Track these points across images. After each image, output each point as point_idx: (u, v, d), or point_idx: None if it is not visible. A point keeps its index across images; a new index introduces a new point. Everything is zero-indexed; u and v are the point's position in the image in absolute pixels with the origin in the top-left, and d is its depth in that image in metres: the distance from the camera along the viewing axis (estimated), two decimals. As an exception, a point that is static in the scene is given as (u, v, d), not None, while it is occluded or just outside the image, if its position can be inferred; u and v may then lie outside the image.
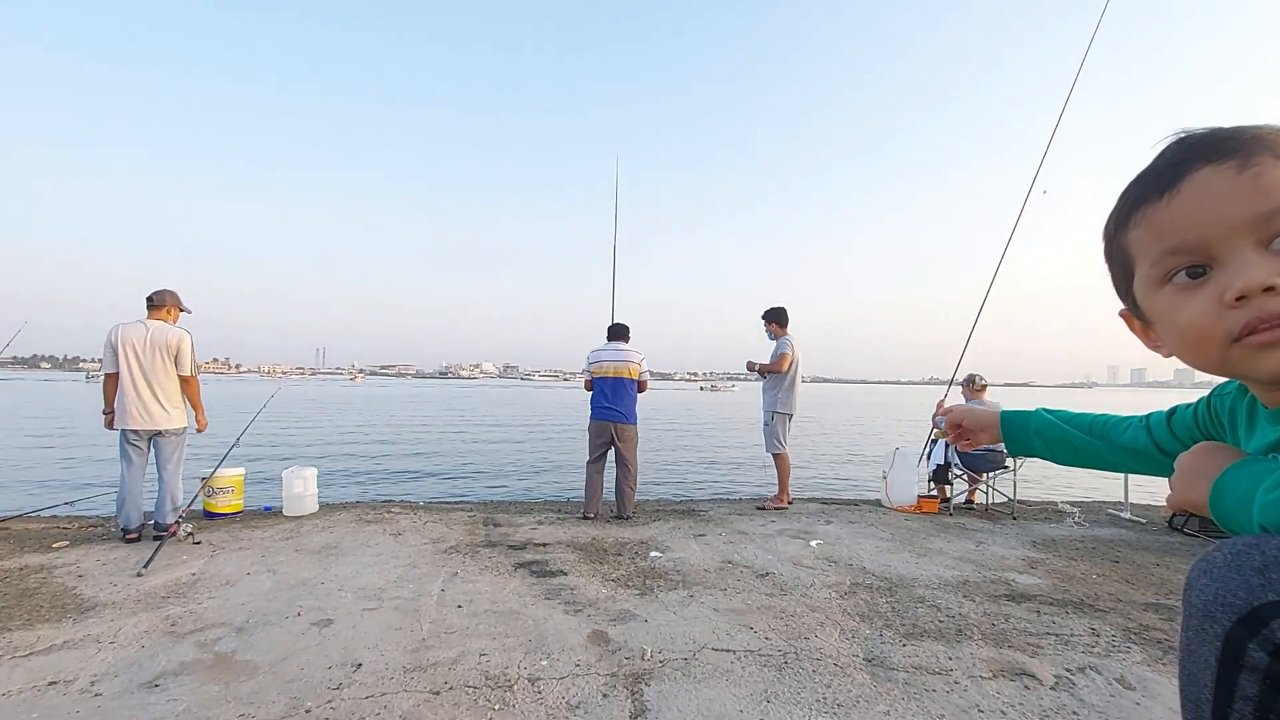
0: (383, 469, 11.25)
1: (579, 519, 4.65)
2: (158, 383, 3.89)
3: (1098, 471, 1.06)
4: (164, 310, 4.04)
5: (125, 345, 3.84)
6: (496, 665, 2.25)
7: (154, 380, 3.88)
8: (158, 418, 3.88)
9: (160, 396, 3.89)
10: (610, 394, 4.85)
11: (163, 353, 3.93)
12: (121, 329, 3.88)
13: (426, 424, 22.04)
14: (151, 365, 3.88)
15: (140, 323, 3.95)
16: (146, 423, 3.85)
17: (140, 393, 3.83)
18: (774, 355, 5.26)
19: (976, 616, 2.82)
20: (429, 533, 4.09)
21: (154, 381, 3.88)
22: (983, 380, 5.65)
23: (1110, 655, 2.43)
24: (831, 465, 13.06)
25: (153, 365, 3.88)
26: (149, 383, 3.86)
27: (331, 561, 3.45)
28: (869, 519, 4.81)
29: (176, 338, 4.00)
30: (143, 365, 3.86)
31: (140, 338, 3.88)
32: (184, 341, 4.03)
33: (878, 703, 2.04)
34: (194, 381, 4.09)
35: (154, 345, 3.90)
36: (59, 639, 2.41)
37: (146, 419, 3.85)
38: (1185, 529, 4.59)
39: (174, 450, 3.98)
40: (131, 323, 3.94)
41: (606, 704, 2.00)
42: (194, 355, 4.07)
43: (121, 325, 3.90)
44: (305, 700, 1.98)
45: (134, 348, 3.85)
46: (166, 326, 4.00)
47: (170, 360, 3.95)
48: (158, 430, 3.90)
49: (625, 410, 4.86)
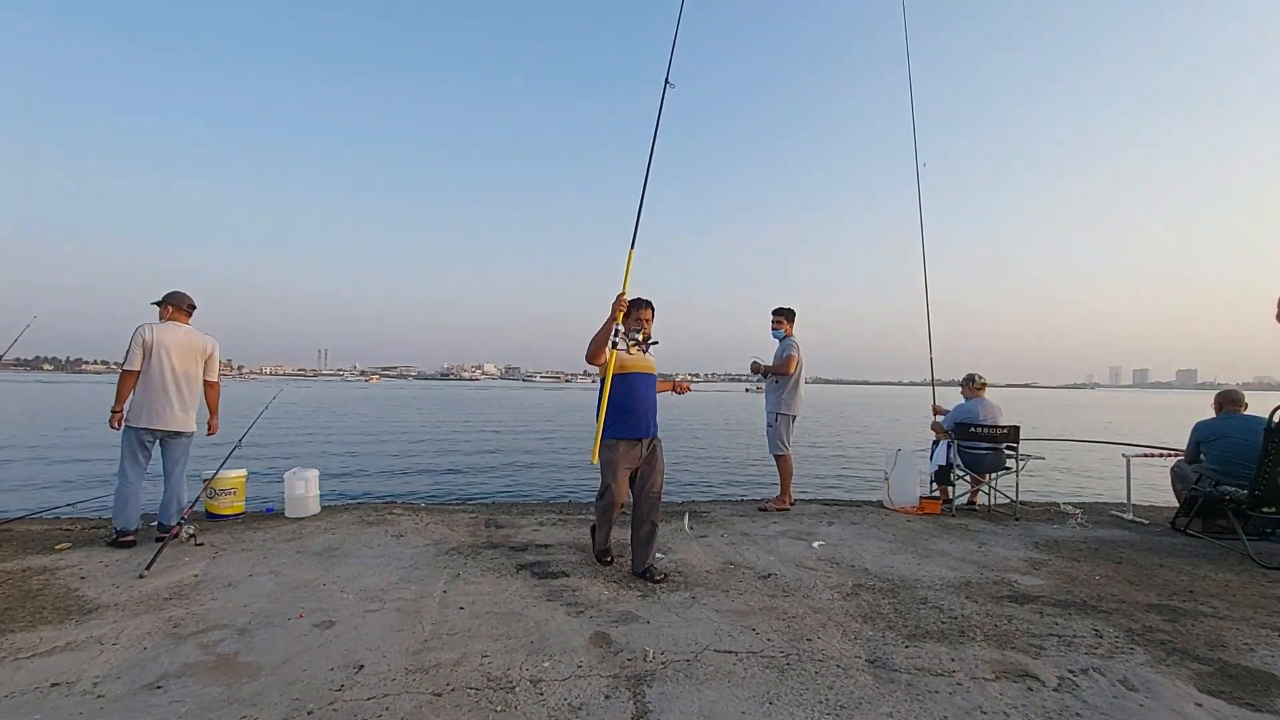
0: (383, 469, 11.27)
1: (581, 521, 4.65)
2: (189, 385, 3.94)
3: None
4: (191, 314, 4.10)
5: (161, 346, 3.84)
6: (498, 667, 2.25)
7: (186, 382, 3.93)
8: (182, 420, 3.91)
9: (188, 399, 3.94)
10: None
11: (198, 356, 3.99)
12: (156, 329, 3.87)
13: (478, 428, 21.53)
14: (186, 367, 3.92)
15: (174, 324, 3.97)
16: (171, 424, 3.86)
17: (171, 394, 3.84)
18: (780, 356, 5.25)
19: (979, 618, 2.81)
20: (431, 534, 4.09)
21: (186, 384, 3.92)
22: (981, 379, 5.65)
23: (1113, 656, 2.42)
24: (833, 466, 13.05)
25: (188, 367, 3.93)
26: (180, 385, 3.89)
27: (333, 563, 3.45)
28: (871, 520, 4.80)
29: (211, 343, 4.08)
30: (179, 366, 3.88)
31: (176, 340, 3.91)
32: (216, 347, 4.12)
33: (880, 704, 2.04)
34: (217, 386, 4.17)
35: (190, 348, 3.96)
36: (62, 640, 2.41)
37: (172, 420, 3.86)
38: (1188, 530, 4.58)
39: (184, 453, 4.00)
40: (165, 324, 3.95)
41: (609, 705, 2.00)
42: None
43: (154, 325, 3.90)
44: (307, 702, 1.98)
45: (171, 349, 3.87)
46: (198, 331, 4.07)
47: (202, 363, 4.02)
48: (176, 432, 3.92)
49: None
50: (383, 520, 4.45)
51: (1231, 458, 4.32)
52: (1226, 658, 2.43)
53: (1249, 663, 2.39)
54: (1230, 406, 4.61)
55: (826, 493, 8.62)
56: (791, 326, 5.35)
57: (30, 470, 10.42)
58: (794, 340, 5.27)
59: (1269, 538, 4.31)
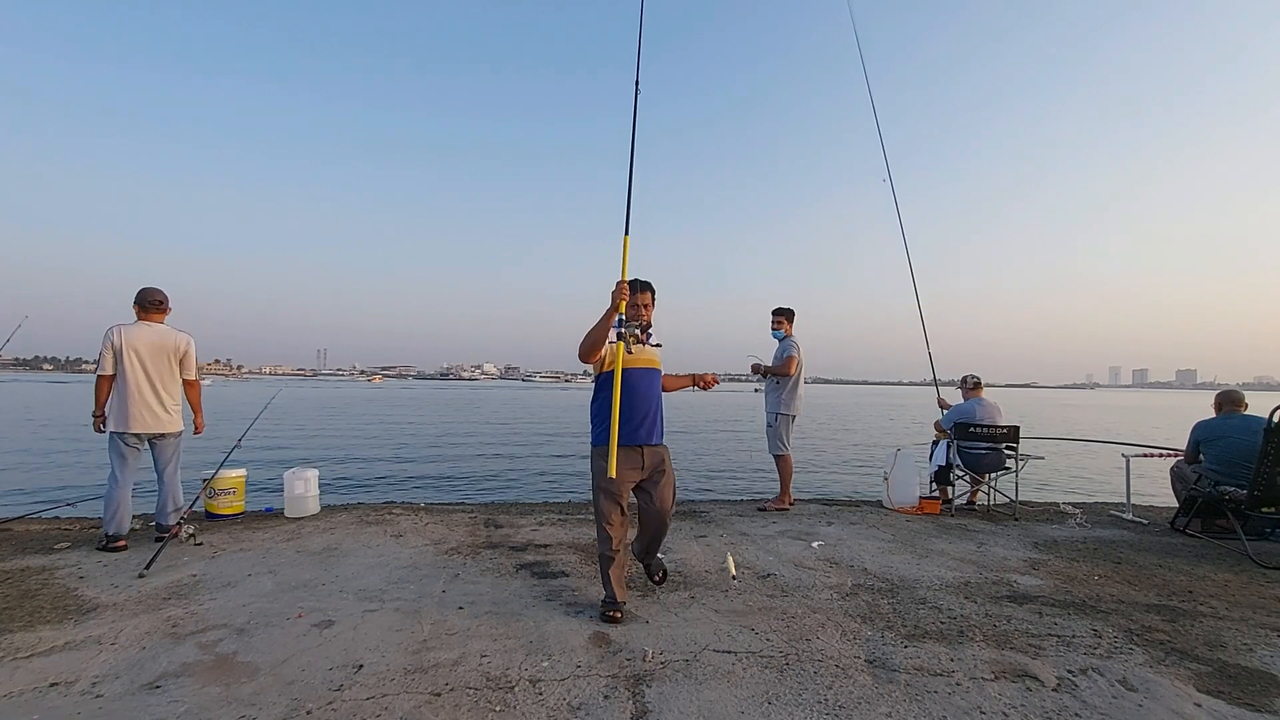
0: (385, 469, 11.26)
1: (580, 521, 4.65)
2: (164, 386, 3.85)
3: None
4: (165, 312, 3.99)
5: (130, 348, 3.76)
6: (497, 666, 2.25)
7: (161, 383, 3.84)
8: (163, 421, 3.84)
9: (166, 399, 3.86)
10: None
11: (170, 355, 3.89)
12: (124, 330, 3.78)
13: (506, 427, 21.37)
14: (159, 368, 3.83)
15: (145, 324, 3.87)
16: (152, 425, 3.80)
17: (146, 396, 3.78)
18: (780, 357, 5.25)
19: (978, 618, 2.81)
20: (430, 534, 4.09)
21: (160, 384, 3.84)
22: (974, 379, 5.66)
23: (1112, 657, 2.42)
24: (833, 466, 13.05)
25: (160, 368, 3.84)
26: (155, 386, 3.81)
27: (332, 563, 3.45)
28: (870, 520, 4.80)
29: (185, 341, 3.96)
30: (150, 368, 3.80)
31: (147, 340, 3.81)
32: (190, 345, 4.00)
33: (879, 704, 2.04)
34: (197, 385, 4.08)
35: (162, 348, 3.86)
36: (60, 640, 2.41)
37: (152, 422, 3.80)
38: (1188, 530, 4.58)
39: (174, 453, 3.95)
40: (134, 324, 3.85)
41: (608, 705, 2.00)
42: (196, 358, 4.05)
43: (123, 326, 3.80)
44: (306, 702, 1.98)
45: (141, 350, 3.78)
46: (171, 329, 3.96)
47: (176, 363, 3.92)
48: (160, 433, 3.86)
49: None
50: (382, 520, 4.45)
51: (1231, 458, 4.32)
52: (1226, 658, 2.43)
53: (1248, 663, 2.39)
54: (1230, 406, 4.61)
55: (826, 493, 8.62)
56: (791, 326, 5.35)
57: (29, 470, 10.42)
58: (794, 341, 5.27)
59: (1268, 538, 4.31)
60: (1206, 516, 4.52)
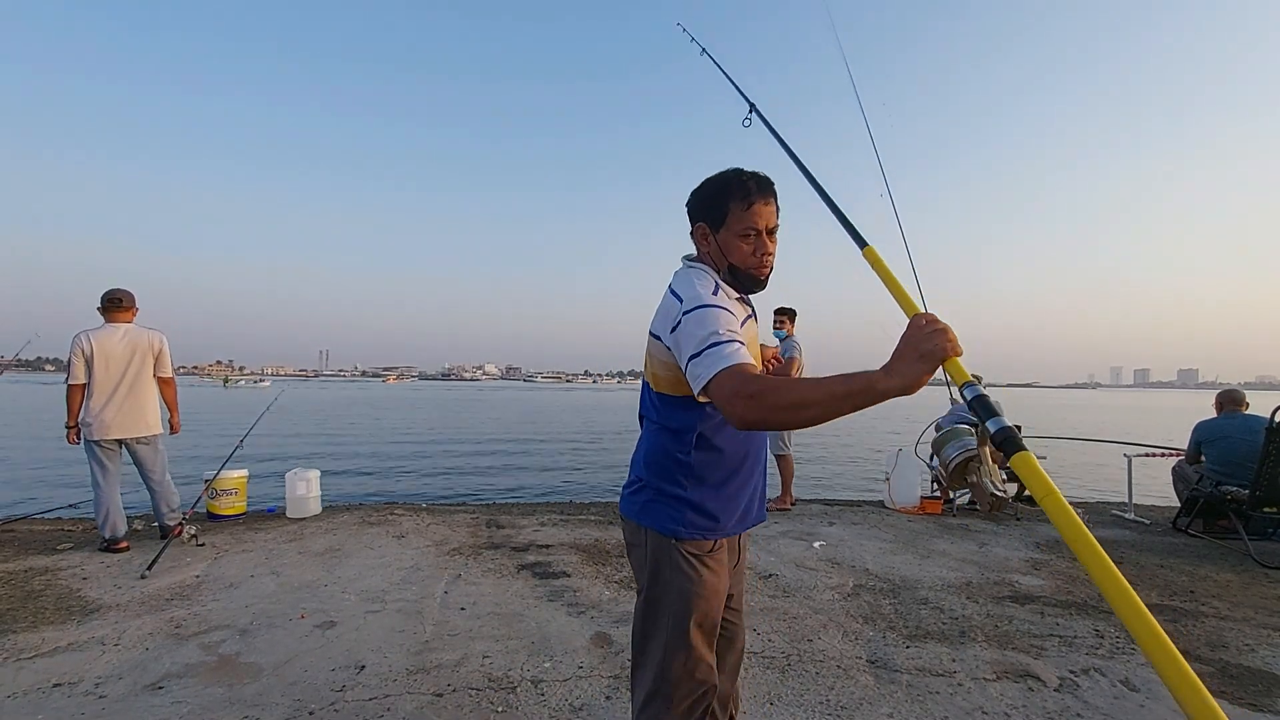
0: (384, 470, 11.27)
1: (582, 521, 4.65)
2: (139, 388, 3.71)
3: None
4: (132, 312, 3.82)
5: (101, 352, 3.60)
6: (500, 667, 2.25)
7: (135, 386, 3.69)
8: (139, 425, 3.71)
9: (142, 402, 3.72)
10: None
11: (143, 356, 3.74)
12: (93, 335, 3.62)
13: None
14: (132, 370, 3.69)
15: (112, 327, 3.70)
16: (130, 430, 3.67)
17: (121, 402, 3.63)
18: (782, 358, 5.24)
19: (980, 618, 2.81)
20: (432, 535, 4.10)
21: (135, 388, 3.69)
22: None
23: (1114, 657, 2.43)
24: (834, 466, 13.04)
25: (133, 370, 3.69)
26: (130, 390, 3.67)
27: (335, 563, 3.46)
28: (872, 520, 4.80)
29: (158, 339, 3.83)
30: (123, 372, 3.66)
31: (116, 343, 3.65)
32: (163, 342, 3.86)
33: (881, 705, 2.04)
34: (173, 383, 3.95)
35: (134, 349, 3.71)
36: (64, 641, 2.41)
37: (130, 426, 3.67)
38: (1189, 530, 4.57)
39: (157, 455, 3.83)
40: (101, 328, 3.68)
41: (609, 706, 2.00)
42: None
43: (90, 332, 3.63)
44: (309, 702, 1.99)
45: (112, 353, 3.64)
46: (141, 328, 3.80)
47: (149, 363, 3.79)
48: (138, 437, 3.73)
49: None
50: (384, 521, 4.46)
51: (1232, 458, 4.31)
52: (1228, 658, 2.43)
53: (1250, 663, 2.39)
54: (1231, 406, 4.60)
55: (827, 493, 8.62)
56: (793, 326, 5.35)
57: (32, 471, 10.43)
58: (796, 341, 5.27)
59: (1270, 538, 4.31)
60: (1208, 516, 4.52)
